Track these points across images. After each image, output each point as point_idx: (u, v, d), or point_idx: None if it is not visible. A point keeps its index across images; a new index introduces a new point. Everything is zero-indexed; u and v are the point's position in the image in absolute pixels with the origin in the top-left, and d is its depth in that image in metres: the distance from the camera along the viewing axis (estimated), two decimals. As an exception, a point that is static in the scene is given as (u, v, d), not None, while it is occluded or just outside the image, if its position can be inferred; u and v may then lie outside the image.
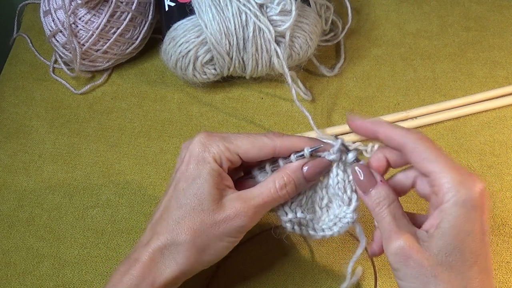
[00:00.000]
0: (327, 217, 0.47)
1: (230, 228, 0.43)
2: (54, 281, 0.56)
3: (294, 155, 0.45)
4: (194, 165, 0.44)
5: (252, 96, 0.69)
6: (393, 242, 0.39)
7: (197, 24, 0.62)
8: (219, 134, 0.45)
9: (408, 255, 0.38)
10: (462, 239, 0.38)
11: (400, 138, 0.41)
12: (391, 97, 0.69)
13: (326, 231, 0.47)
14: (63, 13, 0.65)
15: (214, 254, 0.44)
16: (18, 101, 0.70)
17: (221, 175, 0.44)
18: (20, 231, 0.59)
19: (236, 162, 0.45)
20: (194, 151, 0.44)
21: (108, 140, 0.66)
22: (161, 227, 0.44)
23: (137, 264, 0.43)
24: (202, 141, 0.44)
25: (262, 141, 0.45)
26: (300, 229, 0.47)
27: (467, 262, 0.38)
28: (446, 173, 0.38)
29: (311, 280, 0.55)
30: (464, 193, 0.38)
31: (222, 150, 0.44)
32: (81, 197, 0.61)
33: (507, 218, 0.59)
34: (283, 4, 0.61)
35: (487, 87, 0.69)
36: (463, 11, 0.77)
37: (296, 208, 0.46)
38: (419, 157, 0.40)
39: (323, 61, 0.71)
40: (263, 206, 0.44)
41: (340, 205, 0.46)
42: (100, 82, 0.71)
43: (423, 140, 0.40)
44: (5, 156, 0.65)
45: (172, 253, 0.43)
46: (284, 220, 0.46)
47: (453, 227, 0.38)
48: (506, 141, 0.65)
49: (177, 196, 0.44)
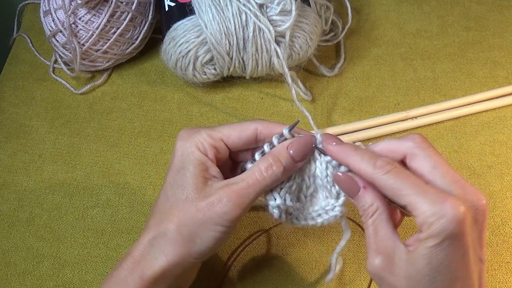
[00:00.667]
0: (311, 207, 0.47)
1: (214, 215, 0.42)
2: (54, 281, 0.56)
3: (275, 137, 0.44)
4: (178, 157, 0.44)
5: (252, 96, 0.69)
6: (370, 260, 0.40)
7: (197, 24, 0.62)
8: (202, 127, 0.46)
9: (381, 276, 0.40)
10: (434, 268, 0.37)
11: (367, 175, 0.40)
12: (391, 97, 0.69)
13: (309, 220, 0.46)
14: (63, 13, 0.65)
15: (202, 244, 0.43)
16: (18, 101, 0.70)
17: (205, 163, 0.44)
18: (20, 231, 0.59)
19: (222, 149, 0.45)
20: (177, 145, 0.45)
21: (108, 140, 0.66)
22: (151, 221, 0.44)
23: (127, 258, 0.43)
24: (185, 133, 0.45)
25: (244, 124, 0.45)
26: (286, 218, 0.46)
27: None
28: (419, 204, 0.37)
29: (311, 280, 0.55)
30: (437, 225, 0.36)
31: (204, 137, 0.44)
32: (81, 197, 0.61)
33: (507, 218, 0.59)
34: (283, 4, 0.61)
35: (487, 87, 0.69)
36: (463, 11, 0.77)
37: (286, 195, 0.45)
38: (390, 192, 0.39)
39: (323, 61, 0.71)
40: (247, 190, 0.42)
41: (326, 197, 0.46)
42: (100, 82, 0.71)
43: (390, 173, 0.39)
44: (5, 156, 0.65)
45: (160, 244, 0.43)
46: (272, 205, 0.45)
47: (425, 256, 0.37)
48: (506, 141, 0.65)
49: (164, 190, 0.45)
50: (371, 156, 0.41)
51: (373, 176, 0.40)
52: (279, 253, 0.57)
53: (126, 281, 0.42)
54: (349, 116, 0.67)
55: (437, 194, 0.37)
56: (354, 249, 0.57)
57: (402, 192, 0.38)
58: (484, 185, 0.61)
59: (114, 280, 0.43)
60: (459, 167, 0.63)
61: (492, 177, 0.62)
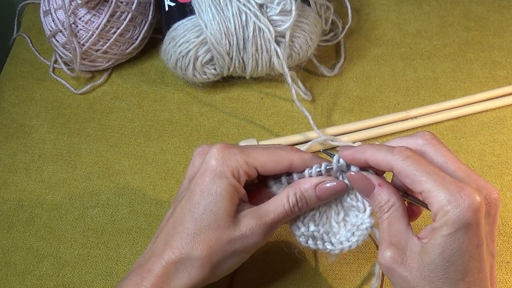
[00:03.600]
0: (344, 229, 0.46)
1: (245, 245, 0.43)
2: (54, 281, 0.56)
3: (307, 170, 0.45)
4: (210, 179, 0.43)
5: (252, 96, 0.69)
6: (381, 252, 0.40)
7: (197, 24, 0.62)
8: (237, 147, 0.45)
9: (392, 268, 0.40)
10: (447, 257, 0.37)
11: (386, 162, 0.40)
12: (391, 97, 0.69)
13: (344, 243, 0.46)
14: (63, 13, 0.65)
15: (226, 268, 0.45)
16: (18, 101, 0.70)
17: (237, 190, 0.44)
18: (20, 231, 0.59)
19: (253, 175, 0.45)
20: (210, 163, 0.43)
21: (108, 140, 0.66)
22: (175, 240, 0.43)
23: (150, 276, 0.42)
24: (221, 154, 0.43)
25: (280, 155, 0.45)
26: (315, 243, 0.46)
27: (451, 279, 0.38)
28: (435, 192, 0.37)
29: (311, 280, 0.55)
30: (453, 213, 0.36)
31: (240, 164, 0.43)
32: (81, 197, 0.61)
33: (507, 218, 0.59)
34: (283, 4, 0.61)
35: (487, 87, 0.69)
36: (463, 11, 0.77)
37: (309, 223, 0.46)
38: (408, 179, 0.39)
39: (323, 61, 0.71)
40: (277, 223, 0.44)
41: (356, 215, 0.46)
42: (100, 82, 0.71)
43: (409, 159, 0.39)
44: (5, 156, 0.65)
45: (186, 267, 0.43)
46: (297, 235, 0.46)
47: (439, 245, 0.37)
48: (506, 141, 0.65)
49: (191, 210, 0.43)
50: (388, 147, 0.41)
51: (392, 162, 0.40)
52: (279, 254, 0.57)
53: None
54: (349, 116, 0.67)
55: (454, 183, 0.37)
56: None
57: (419, 178, 0.38)
58: (484, 185, 0.61)
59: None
60: (459, 167, 0.63)
61: (492, 177, 0.62)
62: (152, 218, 0.60)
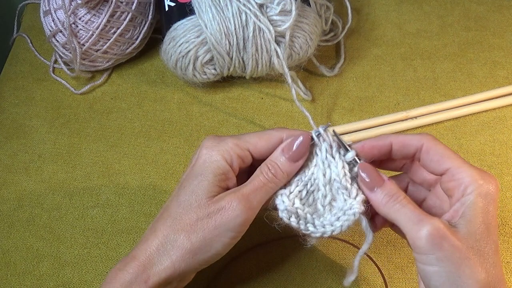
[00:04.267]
0: (330, 214, 0.45)
1: (226, 220, 0.42)
2: (54, 281, 0.56)
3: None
4: (199, 164, 0.44)
5: (252, 96, 0.69)
6: (426, 225, 0.40)
7: (197, 24, 0.62)
8: (226, 135, 0.46)
9: (443, 236, 0.39)
10: (486, 227, 0.40)
11: (417, 141, 0.44)
12: (391, 97, 0.69)
13: (327, 227, 0.45)
14: (63, 13, 0.65)
15: (211, 251, 0.43)
16: (18, 101, 0.70)
17: (226, 174, 0.44)
18: (20, 231, 0.59)
19: (247, 158, 0.45)
20: (201, 152, 0.45)
21: (108, 140, 0.66)
22: (159, 226, 0.44)
23: (133, 261, 0.43)
24: (211, 141, 0.45)
25: (270, 133, 0.46)
26: (298, 222, 0.45)
27: (492, 249, 0.40)
28: (466, 168, 0.41)
29: (311, 280, 0.55)
30: (486, 187, 0.40)
31: (231, 147, 0.44)
32: (81, 197, 0.61)
33: (507, 218, 0.59)
34: (283, 4, 0.61)
35: (487, 87, 0.69)
36: (463, 11, 0.77)
37: (295, 199, 0.45)
38: (437, 155, 0.42)
39: (323, 61, 0.71)
40: (254, 193, 0.43)
41: (345, 199, 0.44)
42: (100, 82, 0.71)
43: (437, 141, 0.43)
44: (5, 156, 0.65)
45: (167, 249, 0.43)
46: (280, 209, 0.45)
47: (478, 215, 0.40)
48: (506, 141, 0.65)
49: (178, 195, 0.44)
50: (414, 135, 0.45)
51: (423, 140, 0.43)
52: (279, 254, 0.57)
53: (130, 286, 0.42)
54: (349, 116, 0.67)
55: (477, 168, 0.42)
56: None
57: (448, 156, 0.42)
58: (484, 185, 0.61)
59: (118, 283, 0.42)
60: (459, 167, 0.63)
61: (492, 177, 0.62)
62: (152, 218, 0.59)
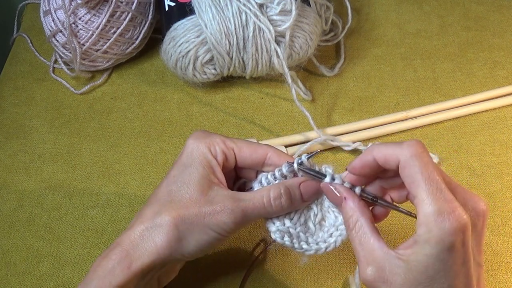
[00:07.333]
0: (321, 231, 0.46)
1: (214, 222, 0.42)
2: (54, 281, 0.56)
3: (285, 165, 0.45)
4: (187, 154, 0.45)
5: (252, 96, 0.69)
6: (362, 269, 0.39)
7: (197, 24, 0.62)
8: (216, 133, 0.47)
9: (375, 286, 0.39)
10: (430, 276, 0.37)
11: (396, 156, 0.39)
12: (391, 97, 0.69)
13: (320, 244, 0.45)
14: (63, 13, 0.65)
15: (195, 245, 0.43)
16: (18, 101, 0.70)
17: (213, 167, 0.44)
18: (20, 231, 0.59)
19: (231, 158, 0.45)
20: (189, 142, 0.45)
21: (108, 140, 0.66)
22: (146, 211, 0.44)
23: (117, 247, 0.43)
24: (198, 134, 0.46)
25: (257, 145, 0.46)
26: (291, 241, 0.45)
27: None
28: (427, 202, 0.36)
29: (311, 280, 0.55)
30: (437, 232, 0.36)
31: (218, 141, 0.45)
32: (81, 197, 0.61)
33: (507, 218, 0.59)
34: (283, 4, 0.61)
35: (487, 87, 0.69)
36: (463, 11, 0.77)
37: (285, 219, 0.45)
38: (409, 178, 0.38)
39: (323, 61, 0.71)
40: (252, 211, 0.43)
41: (336, 216, 0.45)
42: (100, 82, 0.71)
43: (416, 158, 0.38)
44: (5, 156, 0.65)
45: (153, 235, 0.42)
46: (272, 230, 0.45)
47: (422, 264, 0.37)
48: (506, 141, 0.65)
49: (167, 183, 0.44)
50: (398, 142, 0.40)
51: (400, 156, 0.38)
52: (278, 253, 0.57)
53: (113, 272, 0.42)
54: (349, 116, 0.67)
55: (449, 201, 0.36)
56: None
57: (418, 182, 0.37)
58: (484, 185, 0.61)
59: (101, 270, 0.42)
60: (459, 167, 0.63)
61: (492, 177, 0.62)
62: (152, 218, 0.60)
